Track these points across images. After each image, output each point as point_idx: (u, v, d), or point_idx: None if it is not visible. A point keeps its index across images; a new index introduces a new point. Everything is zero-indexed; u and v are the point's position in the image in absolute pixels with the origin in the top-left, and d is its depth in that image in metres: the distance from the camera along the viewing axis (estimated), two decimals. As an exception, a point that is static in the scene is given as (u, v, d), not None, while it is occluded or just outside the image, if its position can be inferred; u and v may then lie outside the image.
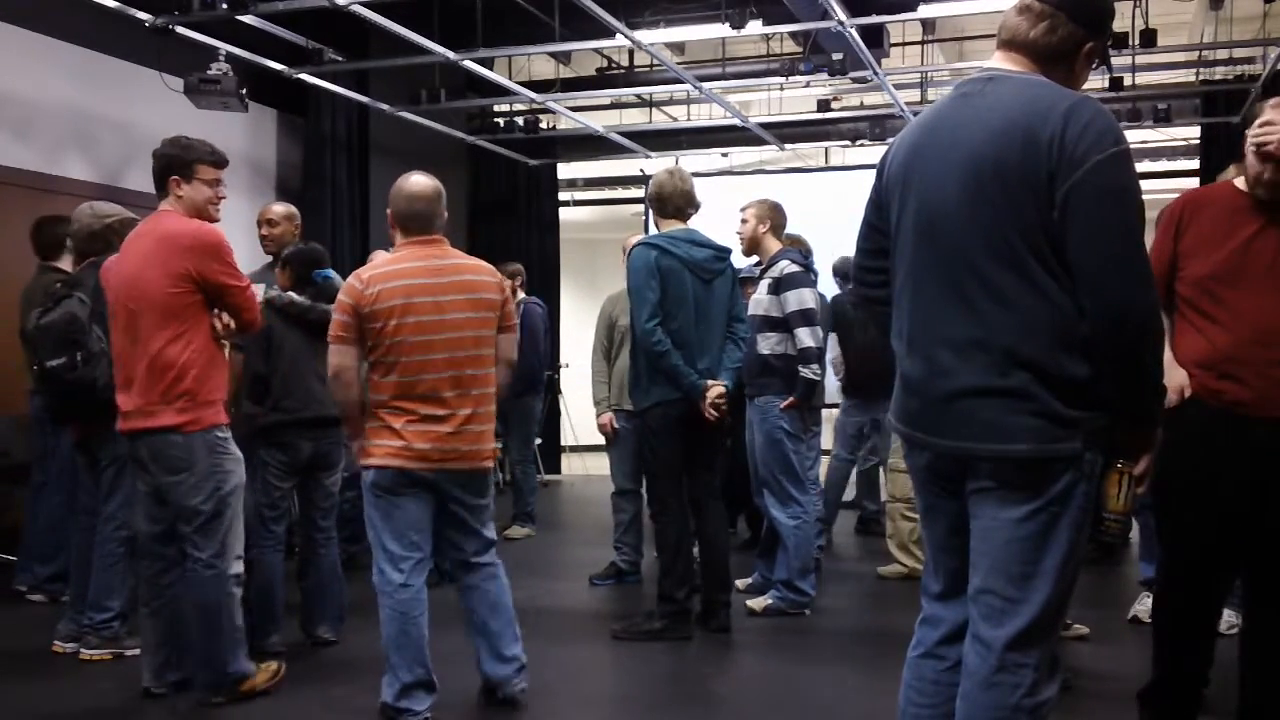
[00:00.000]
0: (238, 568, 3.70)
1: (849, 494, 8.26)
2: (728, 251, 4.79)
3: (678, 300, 4.56)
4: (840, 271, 6.87)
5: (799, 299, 4.92)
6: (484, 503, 3.70)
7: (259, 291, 4.50)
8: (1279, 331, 2.92)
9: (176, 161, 3.74)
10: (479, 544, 3.68)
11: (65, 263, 5.11)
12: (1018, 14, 2.24)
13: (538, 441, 8.23)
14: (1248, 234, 2.96)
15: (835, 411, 7.18)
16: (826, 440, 7.33)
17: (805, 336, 4.91)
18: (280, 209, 5.12)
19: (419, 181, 3.64)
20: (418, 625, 3.50)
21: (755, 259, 5.34)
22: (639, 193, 11.23)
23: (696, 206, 4.76)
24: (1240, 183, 3.09)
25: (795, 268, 4.98)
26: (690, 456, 4.68)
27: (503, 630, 3.68)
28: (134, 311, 3.62)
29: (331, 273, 4.49)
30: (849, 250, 2.67)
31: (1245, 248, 2.95)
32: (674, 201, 4.71)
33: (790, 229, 5.39)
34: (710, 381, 4.57)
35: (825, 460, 6.81)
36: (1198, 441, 2.90)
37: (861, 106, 10.15)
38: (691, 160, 10.98)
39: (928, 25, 8.59)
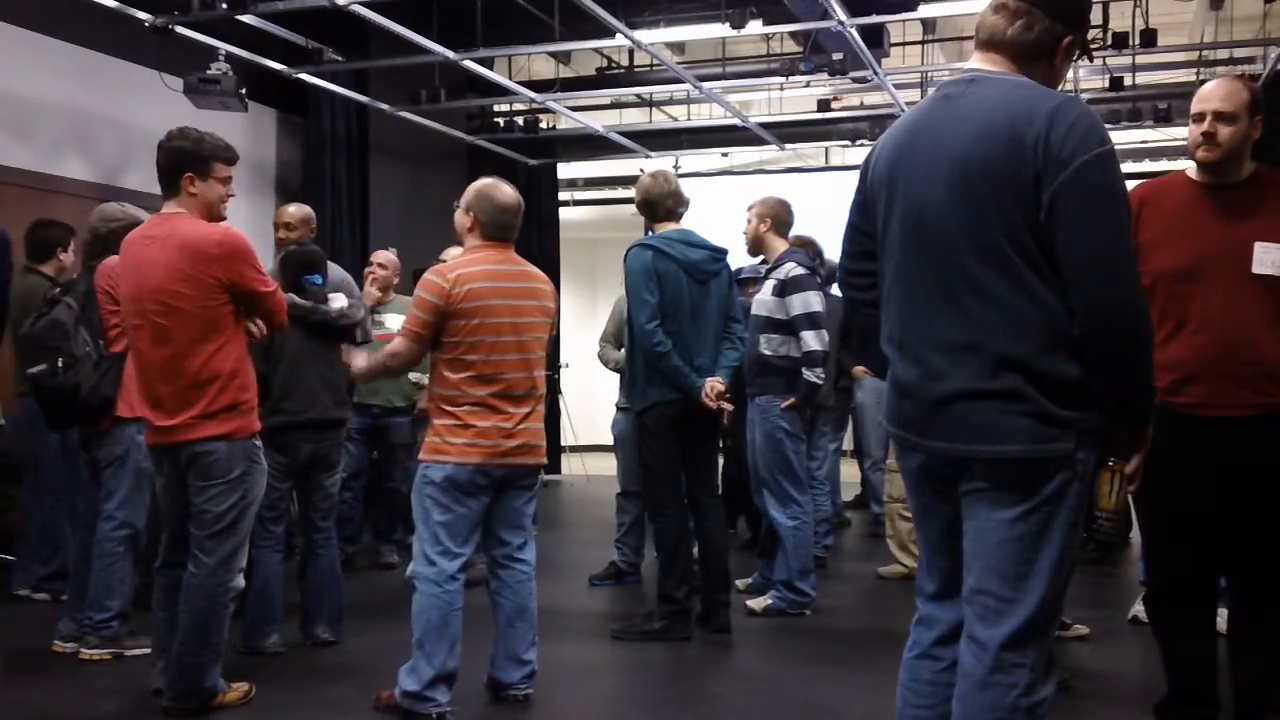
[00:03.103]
0: (238, 582, 3.66)
1: (850, 494, 8.27)
2: (724, 252, 4.79)
3: (674, 302, 4.57)
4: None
5: (804, 302, 4.92)
6: (534, 496, 3.82)
7: None
8: (1244, 332, 2.93)
9: (191, 157, 3.60)
10: (523, 538, 3.78)
11: (50, 267, 5.17)
12: (994, 13, 2.23)
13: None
14: (1208, 228, 2.97)
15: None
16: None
17: (811, 340, 4.90)
18: (300, 212, 5.12)
19: (511, 192, 3.77)
20: (458, 618, 3.58)
21: (761, 258, 5.34)
22: (639, 192, 11.23)
23: (686, 204, 4.76)
24: (1192, 172, 3.09)
25: (801, 270, 4.97)
26: (688, 456, 4.69)
27: (524, 633, 3.75)
28: (165, 327, 3.51)
29: (319, 279, 4.48)
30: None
31: (1207, 244, 2.96)
32: (663, 204, 4.71)
33: (791, 229, 5.38)
34: (709, 379, 4.58)
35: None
36: (1162, 445, 2.88)
37: (862, 106, 10.15)
38: (691, 160, 11.00)
39: (928, 25, 8.60)
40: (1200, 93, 3.07)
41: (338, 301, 4.54)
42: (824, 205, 7.72)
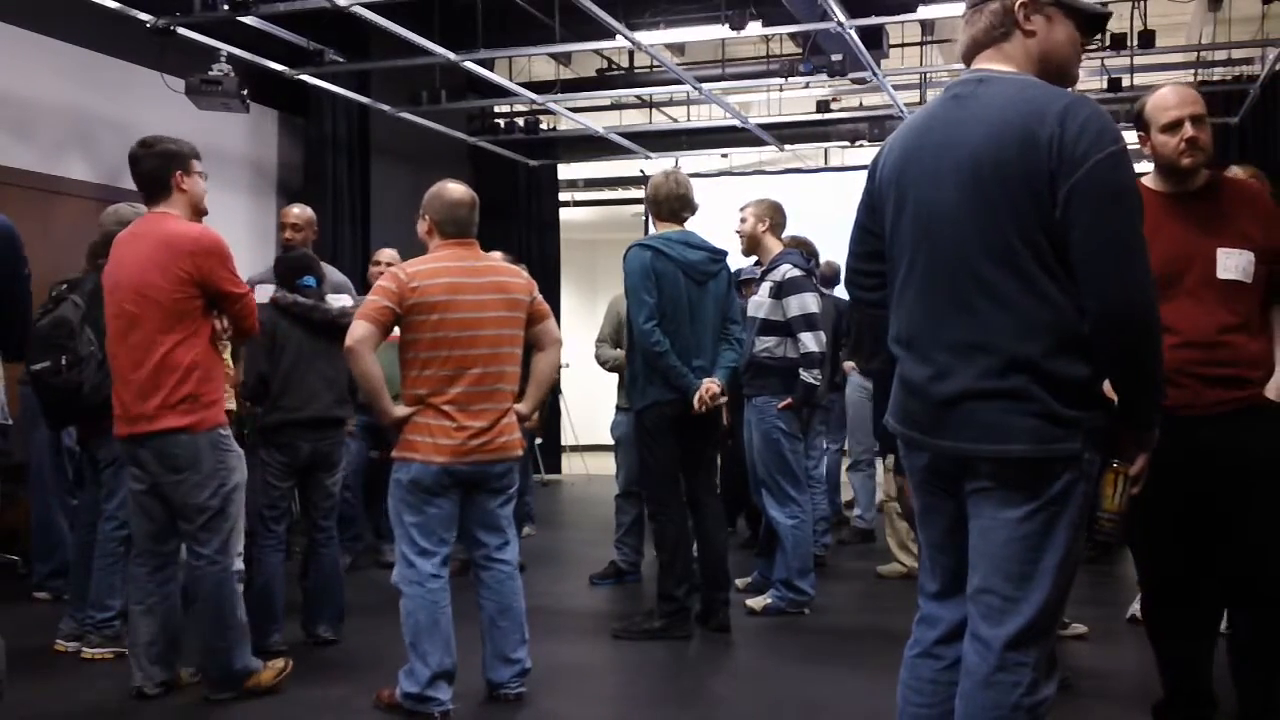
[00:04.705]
0: (239, 564, 3.74)
1: (850, 493, 8.27)
2: (723, 254, 4.81)
3: (672, 302, 4.59)
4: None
5: (801, 304, 4.95)
6: (510, 497, 3.78)
7: (266, 291, 4.53)
8: (1214, 335, 2.98)
9: (178, 157, 3.74)
10: (500, 539, 3.76)
11: None
12: (964, 30, 2.29)
13: (538, 441, 8.25)
14: (1174, 236, 3.00)
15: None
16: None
17: (809, 341, 4.93)
18: (304, 213, 5.11)
19: (459, 189, 3.78)
20: (446, 615, 3.59)
21: (755, 259, 5.37)
22: (639, 193, 11.25)
23: (693, 210, 4.78)
24: (1150, 181, 3.11)
25: (797, 272, 5.00)
26: (688, 456, 4.70)
27: (510, 632, 3.75)
28: (135, 315, 3.61)
29: (313, 280, 4.50)
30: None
31: (1174, 252, 2.99)
32: (669, 205, 4.74)
33: (790, 229, 5.41)
34: (706, 380, 4.60)
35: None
36: None
37: (861, 107, 10.17)
38: (691, 161, 11.01)
39: (927, 26, 8.61)
40: (1163, 102, 3.07)
41: (338, 301, 4.57)
42: (823, 206, 7.79)
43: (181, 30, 6.57)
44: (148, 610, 3.78)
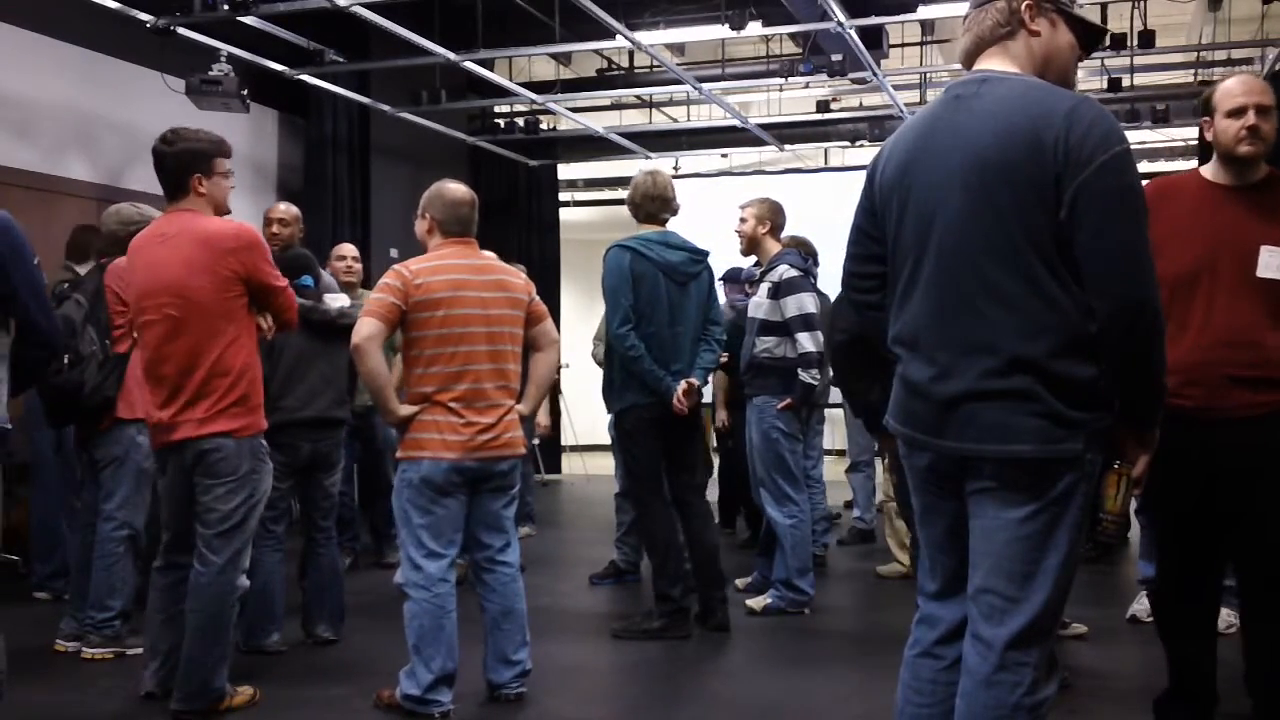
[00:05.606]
0: (244, 582, 3.65)
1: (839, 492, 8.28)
2: (705, 254, 4.80)
3: (651, 304, 4.58)
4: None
5: (799, 304, 4.95)
6: (513, 498, 3.79)
7: None
8: (1246, 334, 2.95)
9: (199, 158, 3.61)
10: (504, 541, 3.76)
11: (84, 269, 5.15)
12: (967, 30, 2.28)
13: (536, 441, 8.25)
14: (1217, 229, 2.98)
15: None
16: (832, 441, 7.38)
17: (806, 341, 4.93)
18: (290, 210, 5.17)
19: (458, 187, 3.80)
20: (451, 620, 3.59)
21: (754, 259, 5.37)
22: (639, 193, 11.26)
23: (673, 211, 4.76)
24: (1207, 171, 3.10)
25: (794, 272, 5.01)
26: (670, 457, 4.70)
27: (512, 634, 3.76)
28: (180, 320, 3.51)
29: (311, 281, 4.50)
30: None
31: (1215, 245, 2.97)
32: (646, 207, 4.72)
33: (789, 230, 5.41)
34: (683, 381, 4.59)
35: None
36: (1168, 447, 2.87)
37: (861, 107, 10.18)
38: (691, 161, 11.01)
39: (927, 26, 8.62)
40: (1231, 89, 3.04)
41: (337, 301, 4.57)
42: (823, 206, 7.77)
43: (181, 30, 6.58)
44: (169, 620, 3.69)
